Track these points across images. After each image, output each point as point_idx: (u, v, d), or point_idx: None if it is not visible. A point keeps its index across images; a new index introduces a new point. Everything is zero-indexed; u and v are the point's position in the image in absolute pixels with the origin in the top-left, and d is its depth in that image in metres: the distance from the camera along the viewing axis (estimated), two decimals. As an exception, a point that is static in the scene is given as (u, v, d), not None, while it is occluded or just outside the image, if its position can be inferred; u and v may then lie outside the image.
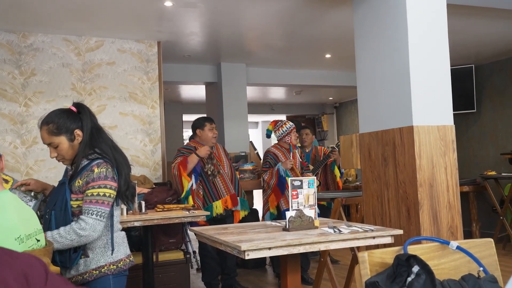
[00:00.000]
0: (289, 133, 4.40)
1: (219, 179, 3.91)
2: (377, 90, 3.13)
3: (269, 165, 4.35)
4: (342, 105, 10.55)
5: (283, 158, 4.36)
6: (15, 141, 4.51)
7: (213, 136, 3.94)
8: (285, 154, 4.41)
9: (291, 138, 4.39)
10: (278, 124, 4.47)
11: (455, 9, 3.80)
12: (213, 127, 3.99)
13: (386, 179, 3.03)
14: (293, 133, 4.41)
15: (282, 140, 4.43)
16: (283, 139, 4.42)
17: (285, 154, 4.41)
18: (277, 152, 4.41)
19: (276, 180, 4.22)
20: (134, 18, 4.36)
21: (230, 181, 3.95)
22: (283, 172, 4.20)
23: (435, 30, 2.94)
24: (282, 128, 4.42)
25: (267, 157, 4.41)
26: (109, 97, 4.88)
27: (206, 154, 3.80)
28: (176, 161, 3.81)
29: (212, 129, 3.96)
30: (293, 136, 4.42)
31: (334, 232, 2.10)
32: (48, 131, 1.92)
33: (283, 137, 4.42)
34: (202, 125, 3.98)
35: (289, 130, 4.40)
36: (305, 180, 2.33)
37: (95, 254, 1.92)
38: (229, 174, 3.99)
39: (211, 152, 3.89)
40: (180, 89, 8.13)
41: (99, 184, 1.86)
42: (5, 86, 4.51)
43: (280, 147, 4.46)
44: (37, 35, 4.63)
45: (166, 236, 3.93)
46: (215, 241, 2.12)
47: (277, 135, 4.45)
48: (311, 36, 5.17)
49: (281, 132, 4.42)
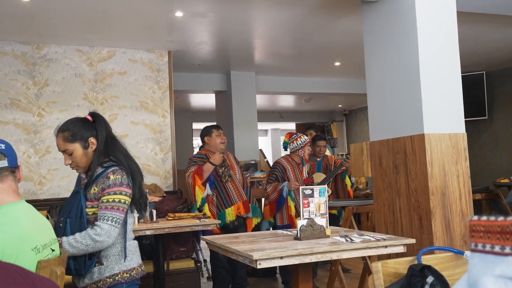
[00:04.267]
0: (303, 147, 4.37)
1: (231, 186, 3.90)
2: (388, 98, 3.13)
3: (275, 177, 4.33)
4: (352, 112, 10.53)
5: (292, 173, 4.34)
6: (29, 150, 4.57)
7: (221, 141, 3.94)
8: (295, 168, 4.39)
9: (304, 152, 4.38)
10: (294, 137, 4.45)
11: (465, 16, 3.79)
12: (220, 133, 4.00)
13: (397, 187, 3.02)
14: (307, 147, 4.39)
15: (295, 153, 4.40)
16: (296, 152, 4.39)
17: (294, 168, 4.38)
18: (286, 165, 4.39)
19: (277, 196, 4.22)
20: (145, 28, 4.41)
21: (242, 188, 3.96)
22: (285, 194, 4.21)
23: (445, 37, 2.94)
24: (297, 141, 4.40)
25: (275, 169, 4.38)
26: (121, 106, 4.93)
27: (220, 161, 3.82)
28: (190, 170, 3.81)
29: (219, 135, 3.97)
30: (307, 150, 4.40)
31: (346, 241, 2.09)
32: (64, 138, 1.97)
33: (296, 150, 4.39)
34: (209, 132, 4.00)
35: (304, 144, 4.37)
36: (316, 189, 2.33)
37: (109, 262, 1.94)
38: (241, 180, 3.99)
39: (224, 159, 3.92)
40: (190, 97, 8.19)
41: (114, 190, 1.89)
42: (19, 97, 4.58)
43: (291, 160, 4.43)
44: (51, 46, 4.71)
45: (177, 245, 3.94)
46: (227, 250, 2.12)
47: (291, 147, 4.41)
48: (320, 44, 5.19)
49: (296, 145, 4.38)
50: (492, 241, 0.48)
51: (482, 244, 0.49)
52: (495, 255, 0.47)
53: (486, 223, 0.49)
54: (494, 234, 0.48)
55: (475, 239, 0.50)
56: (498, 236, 0.47)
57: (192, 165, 3.87)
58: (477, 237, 0.49)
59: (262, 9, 4.09)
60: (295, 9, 4.07)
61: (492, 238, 0.48)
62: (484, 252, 0.48)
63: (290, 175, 4.31)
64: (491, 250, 0.47)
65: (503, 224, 0.47)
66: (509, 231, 0.47)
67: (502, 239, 0.47)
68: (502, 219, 0.48)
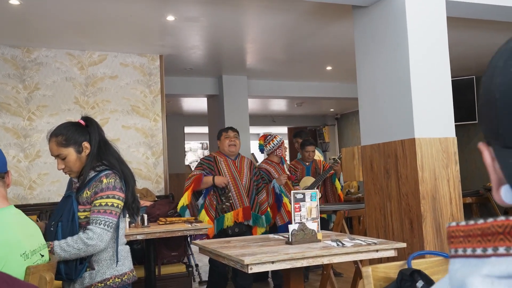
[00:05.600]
0: (280, 146, 4.41)
1: (234, 191, 3.83)
2: (379, 103, 3.15)
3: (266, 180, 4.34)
4: (343, 116, 10.57)
5: (276, 173, 4.35)
6: (19, 155, 4.53)
7: (229, 143, 3.89)
8: (276, 168, 4.41)
9: (282, 151, 4.41)
10: (268, 138, 4.46)
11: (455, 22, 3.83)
12: (230, 135, 3.91)
13: (388, 191, 3.03)
14: (283, 146, 4.44)
15: (274, 154, 4.42)
16: (274, 152, 4.41)
17: (276, 168, 4.40)
18: (268, 168, 4.41)
19: (274, 197, 4.21)
20: (136, 32, 4.40)
21: (246, 195, 3.85)
22: (278, 190, 4.19)
23: (435, 42, 2.97)
24: (273, 141, 4.41)
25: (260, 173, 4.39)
26: (112, 111, 4.91)
27: (220, 184, 3.74)
28: (194, 173, 3.77)
29: (228, 137, 3.91)
30: (284, 149, 4.45)
31: (337, 246, 2.09)
32: (57, 142, 1.95)
33: (274, 151, 4.41)
34: (220, 135, 3.98)
35: (280, 143, 4.41)
36: (308, 193, 2.34)
37: (100, 266, 1.92)
38: (247, 186, 3.88)
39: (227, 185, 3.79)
40: (182, 101, 8.17)
41: (107, 194, 1.88)
42: (9, 100, 4.54)
43: (271, 162, 4.44)
44: (41, 49, 4.68)
45: (168, 249, 3.92)
46: (218, 254, 2.11)
47: (268, 149, 4.42)
48: (312, 48, 5.21)
49: (272, 146, 4.40)
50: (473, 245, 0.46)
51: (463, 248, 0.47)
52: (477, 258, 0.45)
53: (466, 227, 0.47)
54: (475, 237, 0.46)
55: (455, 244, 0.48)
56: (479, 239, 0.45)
57: (198, 167, 3.83)
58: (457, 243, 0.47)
59: (254, 13, 4.10)
60: (287, 14, 4.08)
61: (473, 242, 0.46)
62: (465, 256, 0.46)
63: (274, 176, 4.32)
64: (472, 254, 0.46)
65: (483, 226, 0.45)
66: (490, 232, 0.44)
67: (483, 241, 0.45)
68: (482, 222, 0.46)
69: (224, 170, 3.82)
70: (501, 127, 0.45)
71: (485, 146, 0.49)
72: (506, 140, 0.45)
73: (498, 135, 0.46)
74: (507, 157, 0.46)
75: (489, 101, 0.47)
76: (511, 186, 0.47)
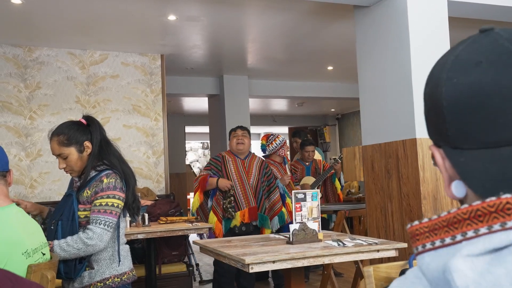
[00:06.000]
0: (282, 146, 4.41)
1: (240, 192, 3.80)
2: (380, 103, 3.15)
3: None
4: (344, 116, 10.57)
5: (278, 173, 4.35)
6: (20, 153, 4.53)
7: (236, 142, 3.85)
8: (279, 168, 4.40)
9: (284, 151, 4.41)
10: (271, 138, 4.44)
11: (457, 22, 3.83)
12: (237, 134, 3.85)
13: (389, 191, 3.03)
14: (285, 146, 4.44)
15: (276, 154, 4.41)
16: (277, 152, 4.40)
17: (279, 168, 4.39)
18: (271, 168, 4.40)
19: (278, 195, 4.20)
20: (138, 32, 4.41)
21: (253, 195, 3.78)
22: (282, 190, 4.18)
23: (437, 42, 2.97)
24: (275, 141, 4.40)
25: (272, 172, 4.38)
26: (113, 110, 4.91)
27: (223, 187, 3.71)
28: (202, 174, 3.76)
29: (236, 135, 3.87)
30: (286, 149, 4.44)
31: (338, 245, 2.09)
32: (59, 142, 1.95)
33: (277, 151, 4.40)
34: (230, 134, 3.96)
35: (282, 143, 4.41)
36: (309, 193, 2.34)
37: (100, 266, 1.92)
38: (254, 187, 3.80)
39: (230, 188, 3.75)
40: (182, 101, 8.17)
41: (107, 194, 1.88)
42: (10, 99, 4.54)
43: (273, 162, 4.43)
44: (43, 49, 4.68)
45: (169, 249, 3.92)
46: (219, 254, 2.11)
47: (270, 149, 4.41)
48: (313, 48, 5.21)
49: (275, 146, 4.39)
50: (440, 236, 0.48)
51: (431, 242, 0.49)
52: (447, 247, 0.48)
53: (429, 223, 0.50)
54: (441, 229, 0.48)
55: (421, 241, 0.50)
56: (446, 229, 0.48)
57: (207, 167, 3.80)
58: (423, 238, 0.50)
59: (255, 13, 4.10)
60: (288, 14, 4.08)
61: (440, 233, 0.48)
62: (434, 249, 0.49)
63: (277, 176, 4.31)
64: (441, 244, 0.48)
65: (448, 217, 0.48)
66: (456, 221, 0.47)
67: (450, 231, 0.48)
68: (445, 214, 0.49)
69: (232, 170, 3.76)
70: (449, 131, 0.51)
71: (435, 148, 0.55)
72: (455, 142, 0.51)
73: (448, 137, 0.52)
74: (457, 156, 0.52)
75: (436, 109, 0.53)
76: (464, 181, 0.52)
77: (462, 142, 0.51)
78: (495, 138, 0.49)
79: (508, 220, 0.44)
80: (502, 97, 0.48)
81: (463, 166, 0.51)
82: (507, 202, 0.44)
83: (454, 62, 0.52)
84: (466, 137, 0.51)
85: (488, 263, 0.44)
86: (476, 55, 0.51)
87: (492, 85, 0.48)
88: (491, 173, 0.49)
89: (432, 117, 0.55)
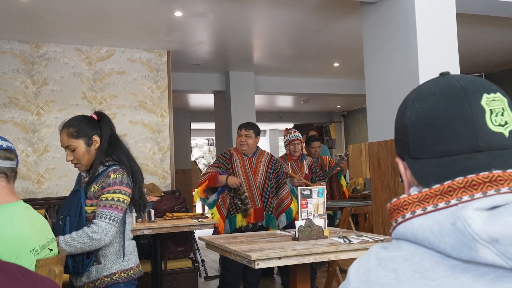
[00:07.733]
0: (288, 144, 4.45)
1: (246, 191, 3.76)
2: (386, 99, 3.13)
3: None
4: (350, 113, 10.54)
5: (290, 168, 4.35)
6: (27, 149, 4.56)
7: (239, 141, 3.82)
8: (292, 165, 4.39)
9: (289, 149, 4.43)
10: (286, 132, 4.55)
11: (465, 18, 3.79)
12: (241, 134, 3.80)
13: (395, 188, 3.02)
14: (291, 145, 4.44)
15: (287, 148, 4.52)
16: (286, 147, 4.51)
17: (292, 165, 4.39)
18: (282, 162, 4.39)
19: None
20: (144, 28, 4.41)
21: (260, 196, 3.73)
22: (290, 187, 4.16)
23: (444, 38, 2.95)
24: (286, 136, 4.52)
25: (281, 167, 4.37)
26: (119, 106, 4.93)
27: (232, 185, 3.68)
28: (210, 171, 3.73)
29: (239, 135, 3.83)
30: (291, 147, 4.44)
31: (344, 242, 2.09)
32: (68, 134, 1.98)
33: (286, 146, 4.51)
34: (237, 132, 3.93)
35: (288, 141, 4.45)
36: (315, 190, 2.33)
37: (107, 261, 1.94)
38: (261, 187, 3.75)
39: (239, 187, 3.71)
40: (188, 97, 8.18)
41: (114, 189, 1.89)
42: (17, 95, 4.57)
43: (286, 156, 4.47)
44: (50, 45, 4.70)
45: (174, 245, 3.94)
46: (225, 250, 2.12)
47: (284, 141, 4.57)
48: (319, 44, 5.19)
49: (284, 141, 4.52)
50: (433, 202, 0.57)
51: (422, 208, 0.58)
52: (440, 211, 0.56)
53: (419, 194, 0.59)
54: (433, 197, 0.57)
55: (411, 208, 0.59)
56: (439, 197, 0.57)
57: (215, 164, 3.76)
58: (413, 206, 0.58)
59: (262, 9, 4.09)
60: (295, 10, 4.07)
61: (433, 200, 0.57)
62: (425, 213, 0.57)
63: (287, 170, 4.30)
64: (434, 209, 0.56)
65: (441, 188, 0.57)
66: (450, 190, 0.57)
67: (444, 197, 0.57)
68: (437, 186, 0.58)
69: (238, 168, 3.72)
70: (411, 144, 0.65)
71: (400, 160, 0.69)
72: (415, 153, 0.65)
73: (409, 150, 0.66)
74: (415, 164, 0.65)
75: (403, 127, 0.67)
76: (418, 182, 0.64)
77: (419, 152, 0.64)
78: (441, 149, 0.62)
79: (501, 187, 0.55)
80: (449, 119, 0.62)
81: (418, 171, 0.64)
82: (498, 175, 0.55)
83: (417, 93, 0.68)
84: (422, 149, 0.64)
85: (497, 213, 0.52)
86: (433, 89, 0.66)
87: (442, 110, 0.63)
88: (436, 174, 0.61)
89: (399, 135, 0.68)
